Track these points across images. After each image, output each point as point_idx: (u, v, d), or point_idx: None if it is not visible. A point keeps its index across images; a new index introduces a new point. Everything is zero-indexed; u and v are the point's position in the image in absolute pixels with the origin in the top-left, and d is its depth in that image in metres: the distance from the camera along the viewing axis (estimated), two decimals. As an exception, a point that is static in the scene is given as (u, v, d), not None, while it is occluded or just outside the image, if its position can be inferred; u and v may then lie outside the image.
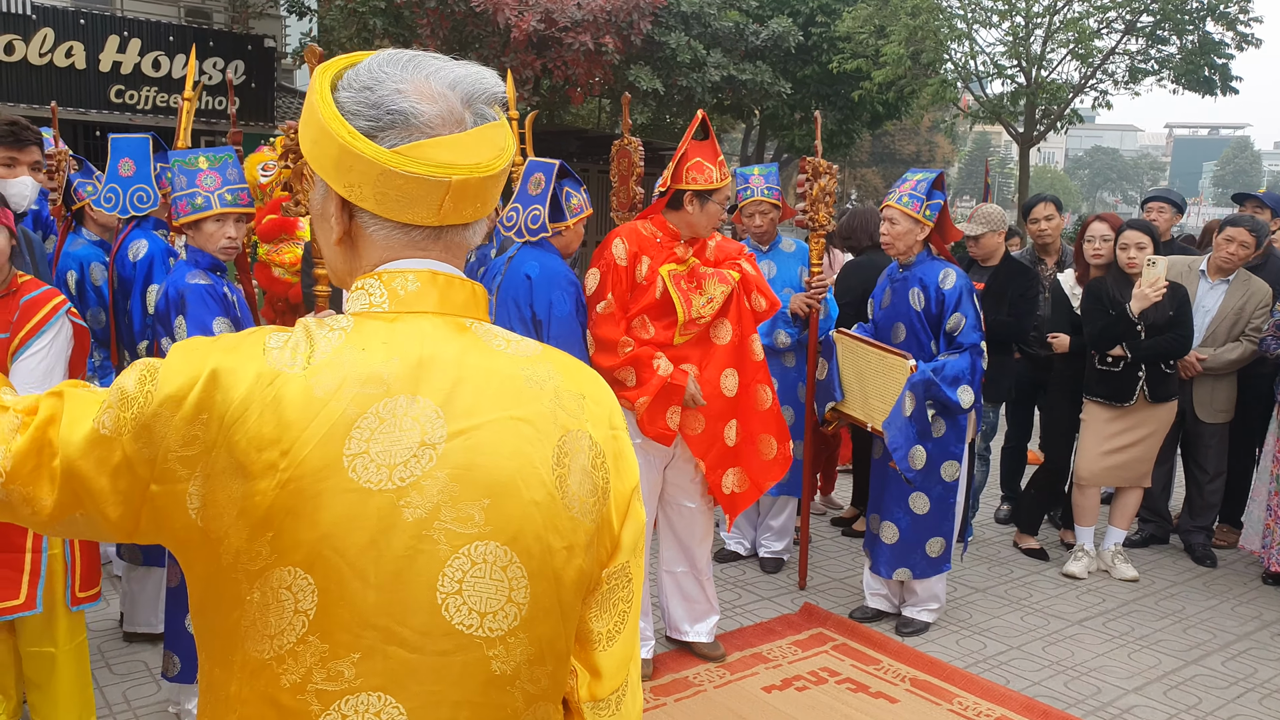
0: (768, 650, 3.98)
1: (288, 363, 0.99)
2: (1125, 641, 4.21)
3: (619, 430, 1.13)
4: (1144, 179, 73.11)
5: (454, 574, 0.98)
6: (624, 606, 1.12)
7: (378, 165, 1.01)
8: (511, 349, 1.08)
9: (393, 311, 1.05)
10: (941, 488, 4.12)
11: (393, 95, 1.02)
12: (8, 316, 2.74)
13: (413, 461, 0.97)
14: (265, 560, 0.96)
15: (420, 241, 1.07)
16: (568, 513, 1.03)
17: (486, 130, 1.06)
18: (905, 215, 4.03)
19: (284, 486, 0.95)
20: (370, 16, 12.53)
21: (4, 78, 13.62)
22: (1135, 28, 14.82)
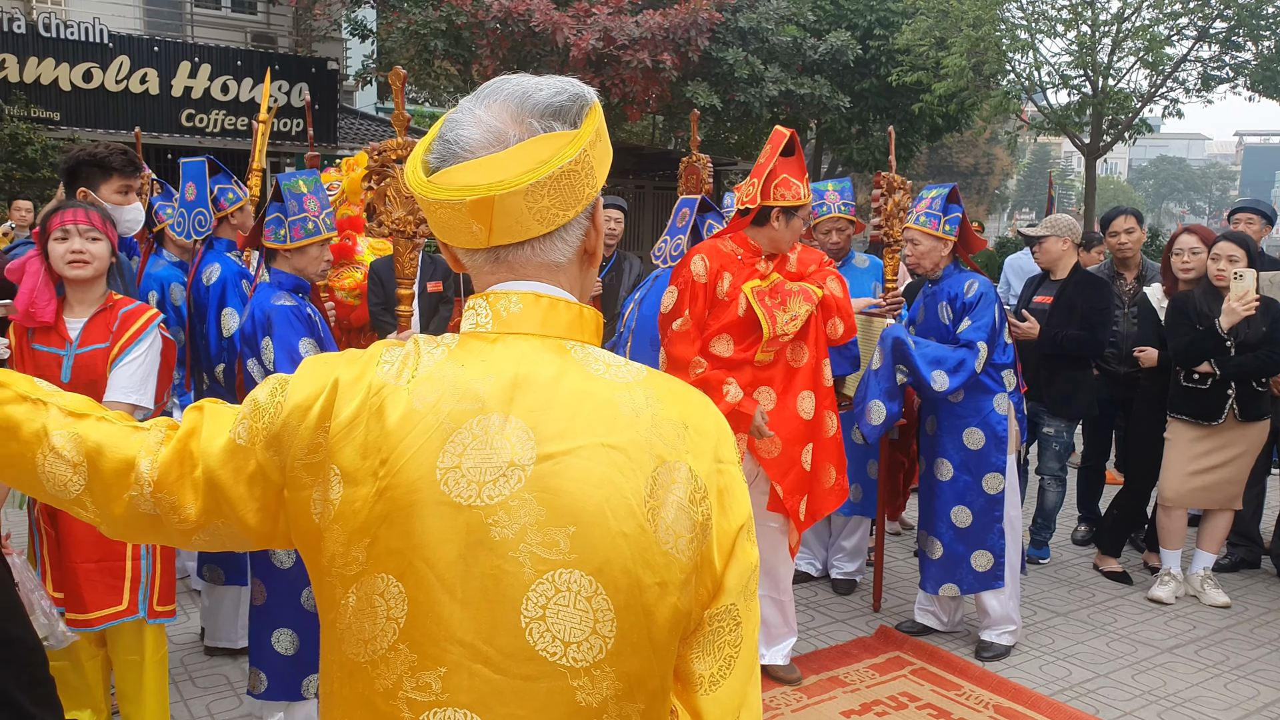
0: (844, 674, 3.89)
1: (394, 375, 1.03)
2: (1220, 671, 4.03)
3: (726, 464, 1.07)
4: (1212, 189, 71.21)
5: (538, 599, 0.96)
6: (730, 651, 1.07)
7: (417, 195, 1.06)
8: (611, 373, 1.05)
9: (495, 331, 1.06)
10: (984, 500, 4.03)
11: (449, 125, 1.05)
12: (108, 327, 2.88)
13: (501, 481, 0.97)
14: (361, 566, 0.99)
15: (486, 266, 1.08)
16: (660, 548, 0.99)
17: (530, 145, 1.03)
18: (925, 234, 4.04)
19: (381, 495, 0.98)
20: (431, 38, 12.72)
21: (83, 104, 14.11)
22: (1208, 34, 14.43)
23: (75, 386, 2.80)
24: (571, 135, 1.04)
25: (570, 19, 12.19)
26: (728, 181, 15.82)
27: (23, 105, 13.22)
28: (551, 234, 1.07)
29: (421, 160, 1.07)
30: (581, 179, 1.05)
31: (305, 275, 3.13)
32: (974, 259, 4.20)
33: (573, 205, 1.05)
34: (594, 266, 1.15)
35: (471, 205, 1.02)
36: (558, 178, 1.03)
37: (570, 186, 1.04)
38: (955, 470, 4.06)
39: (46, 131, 13.06)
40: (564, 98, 1.05)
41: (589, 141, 1.05)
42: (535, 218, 1.04)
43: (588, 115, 1.06)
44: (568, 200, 1.05)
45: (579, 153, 1.04)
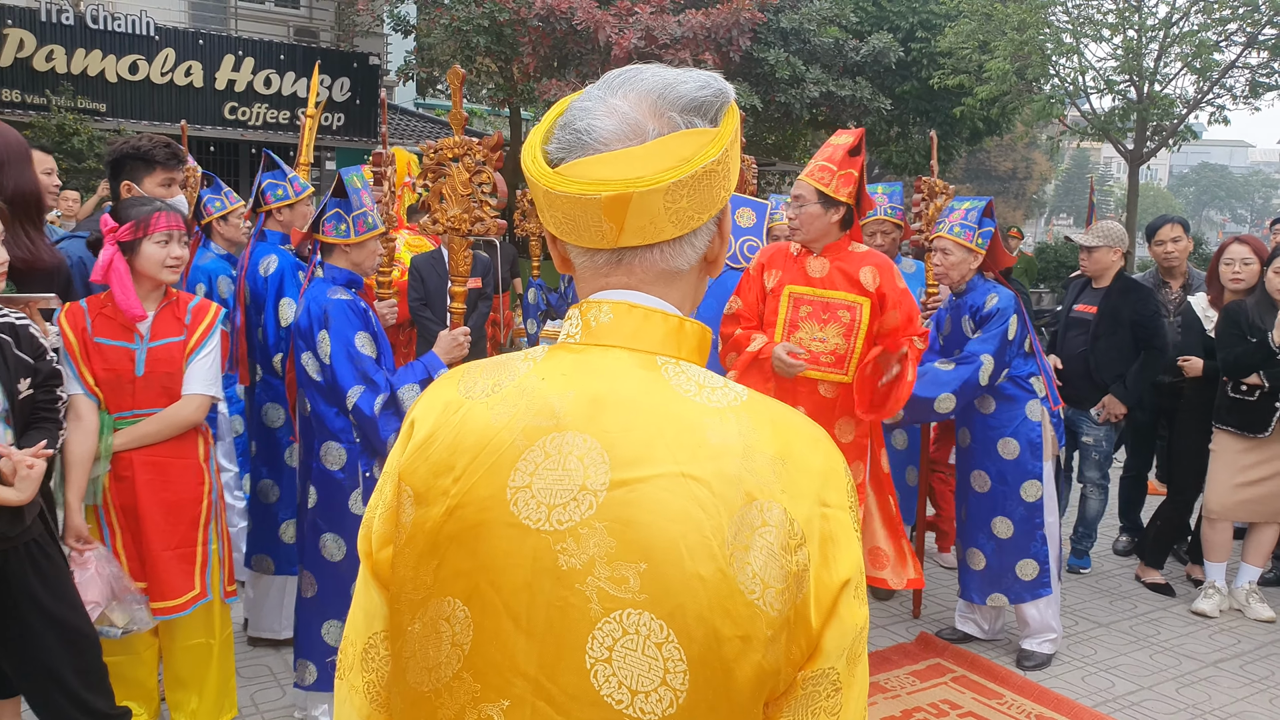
0: (885, 680, 3.88)
1: (476, 390, 0.99)
2: (1266, 686, 3.98)
3: (834, 508, 0.94)
4: (1255, 197, 69.98)
5: (604, 639, 0.88)
6: (827, 719, 0.94)
7: (540, 187, 0.97)
8: (704, 396, 0.95)
9: (583, 343, 1.00)
10: (1024, 509, 4.01)
11: (579, 114, 0.97)
12: (179, 320, 2.95)
13: (572, 505, 0.90)
14: (428, 589, 0.94)
15: (603, 268, 1.01)
16: (744, 597, 0.88)
17: (670, 140, 0.95)
18: (959, 245, 4.00)
19: (452, 513, 0.93)
20: (473, 34, 12.77)
21: (128, 96, 14.32)
22: (1258, 40, 14.18)
23: (151, 379, 2.87)
24: (714, 133, 0.97)
25: (612, 17, 12.20)
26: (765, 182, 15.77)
27: (70, 96, 13.44)
28: (682, 238, 0.99)
29: (540, 150, 1.00)
30: (719, 180, 0.98)
31: (362, 270, 3.17)
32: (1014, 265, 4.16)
33: (709, 208, 0.98)
34: (714, 275, 1.08)
35: (607, 202, 0.94)
36: (700, 178, 0.95)
37: (709, 188, 0.97)
38: (992, 481, 4.04)
39: (93, 122, 13.28)
40: (709, 92, 0.98)
41: (730, 141, 0.98)
42: (671, 219, 0.96)
43: (727, 113, 1.00)
44: (705, 203, 0.97)
45: (721, 152, 0.96)
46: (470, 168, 2.73)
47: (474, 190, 2.73)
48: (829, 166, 3.50)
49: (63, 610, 2.59)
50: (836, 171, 3.49)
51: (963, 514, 4.17)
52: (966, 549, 4.14)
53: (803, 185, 3.52)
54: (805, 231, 3.56)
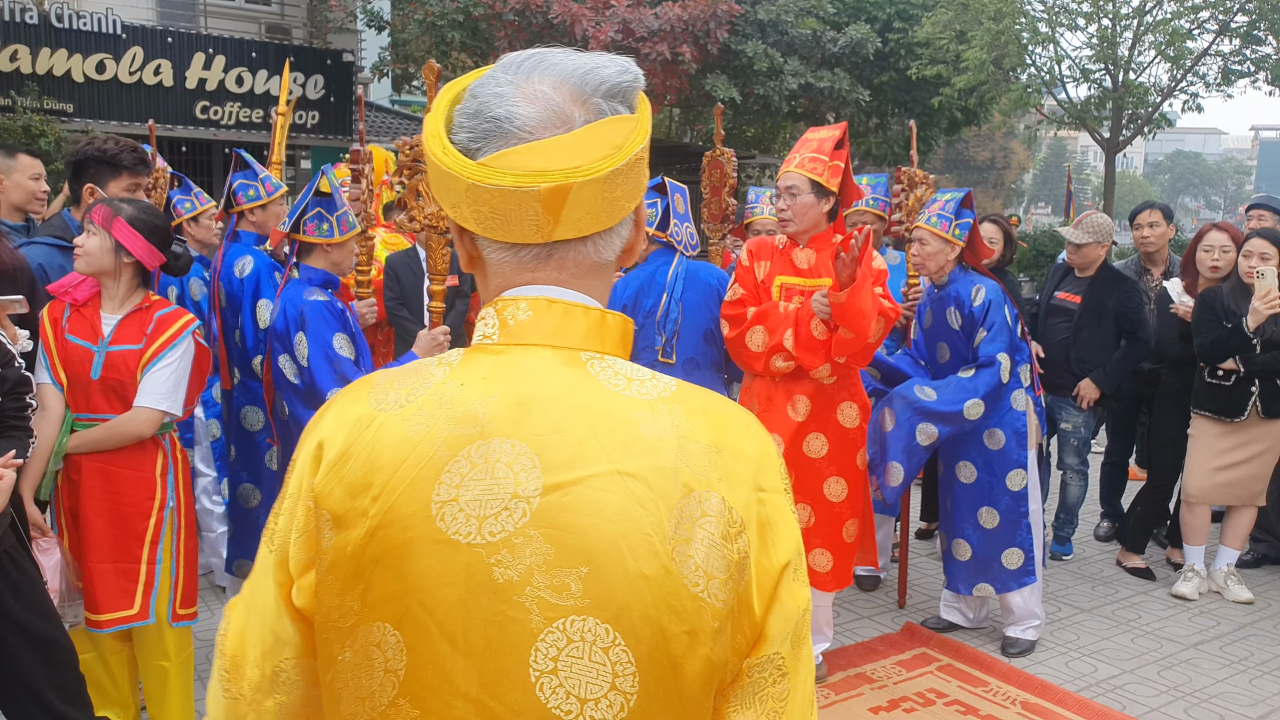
0: (871, 670, 3.89)
1: (389, 402, 0.92)
2: (1245, 667, 4.02)
3: (770, 492, 0.93)
4: (1228, 183, 70.73)
5: (548, 650, 0.85)
6: (775, 705, 0.92)
7: (464, 180, 0.91)
8: (633, 389, 0.92)
9: (501, 344, 0.95)
10: (1010, 498, 4.02)
11: (492, 101, 0.92)
12: (141, 329, 2.85)
13: (504, 515, 0.86)
14: (356, 616, 0.89)
15: (530, 263, 0.95)
16: (689, 591, 0.86)
17: (599, 127, 0.91)
18: (935, 235, 4.01)
19: (374, 535, 0.88)
20: (448, 29, 12.71)
21: (96, 96, 14.12)
22: (1229, 28, 14.31)
23: (105, 384, 2.80)
24: (635, 119, 0.94)
25: (589, 10, 12.17)
26: (746, 175, 15.77)
27: (35, 97, 13.22)
28: (612, 229, 0.96)
29: (448, 140, 0.94)
30: (643, 167, 0.96)
31: (340, 270, 3.13)
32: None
33: (635, 197, 0.96)
34: (627, 265, 1.06)
35: (546, 193, 0.89)
36: (631, 165, 0.93)
37: (637, 176, 0.95)
38: (979, 472, 4.05)
39: (60, 123, 13.07)
40: (629, 78, 0.95)
41: (647, 126, 0.96)
42: (606, 209, 0.93)
43: (640, 97, 0.97)
44: (633, 191, 0.95)
45: (646, 139, 0.94)
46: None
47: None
48: (819, 158, 3.51)
49: (37, 622, 2.55)
50: (827, 162, 3.52)
51: (948, 505, 4.18)
52: (952, 540, 4.14)
53: (795, 176, 3.52)
54: (798, 222, 3.56)
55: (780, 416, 3.60)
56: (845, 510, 3.66)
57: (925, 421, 3.93)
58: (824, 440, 3.61)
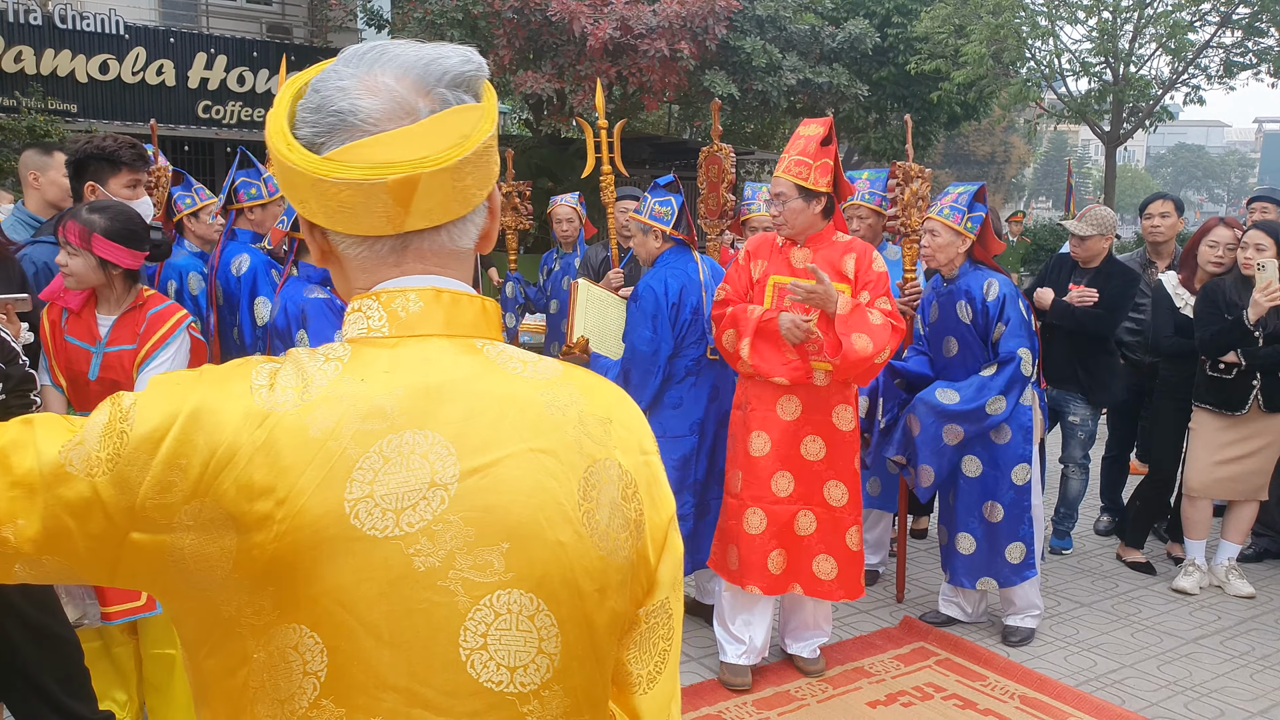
0: (869, 664, 3.89)
1: (279, 400, 0.89)
2: (1246, 661, 4.01)
3: (651, 454, 1.03)
4: (1231, 176, 70.54)
5: (477, 627, 0.88)
6: (664, 645, 1.03)
7: (309, 175, 0.91)
8: (529, 371, 0.97)
9: (394, 336, 0.94)
10: (1014, 492, 4.03)
11: (334, 95, 0.92)
12: (134, 329, 2.85)
13: (422, 504, 0.87)
14: (269, 616, 0.87)
15: (389, 256, 0.96)
16: (597, 551, 0.93)
17: (445, 117, 0.92)
18: (946, 227, 4.00)
19: (282, 539, 0.86)
20: (447, 28, 12.69)
21: (99, 96, 14.15)
22: (1231, 20, 14.27)
23: (102, 384, 2.82)
24: (481, 108, 0.96)
25: (587, 8, 12.15)
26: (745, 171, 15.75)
27: (39, 97, 13.25)
28: (466, 217, 0.98)
29: (292, 134, 0.94)
30: (493, 156, 0.97)
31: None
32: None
33: (487, 184, 0.97)
34: (484, 252, 1.06)
35: (393, 185, 0.90)
36: (479, 154, 0.94)
37: (487, 164, 0.96)
38: (984, 466, 4.05)
39: (64, 123, 13.10)
40: (472, 67, 0.95)
41: (494, 114, 0.98)
42: (457, 198, 0.94)
43: (484, 86, 0.98)
44: (484, 179, 0.97)
45: (494, 127, 0.96)
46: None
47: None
48: (804, 160, 3.52)
49: (43, 618, 2.56)
50: (812, 164, 3.51)
51: (950, 499, 4.17)
52: (955, 534, 4.13)
53: (782, 183, 3.53)
54: (790, 226, 3.57)
55: (769, 414, 3.61)
56: (847, 516, 3.64)
57: (951, 423, 3.96)
58: (821, 443, 3.61)
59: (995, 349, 3.98)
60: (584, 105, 12.47)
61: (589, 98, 11.50)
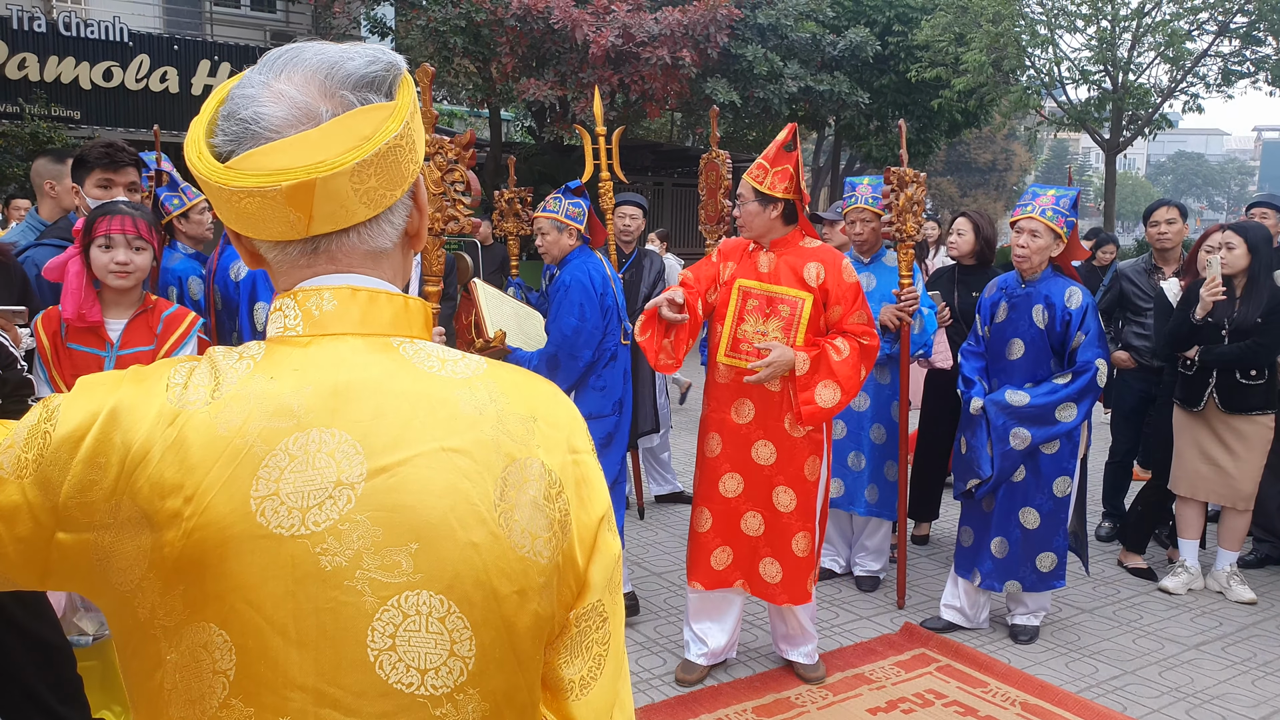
0: (870, 671, 3.89)
1: (191, 399, 0.90)
2: (1248, 668, 4.01)
3: (581, 453, 1.00)
4: (1231, 184, 70.56)
5: (384, 628, 0.87)
6: (599, 649, 1.00)
7: (213, 185, 0.92)
8: (447, 369, 0.96)
9: (307, 335, 0.94)
10: (1053, 503, 4.04)
11: (241, 103, 0.93)
12: (150, 330, 2.89)
13: (328, 504, 0.87)
14: (179, 617, 0.87)
15: (301, 259, 0.96)
16: (516, 553, 0.91)
17: (347, 119, 0.92)
18: (1049, 229, 3.97)
19: (189, 536, 0.86)
20: (450, 35, 12.73)
21: (103, 103, 14.20)
22: (1229, 29, 14.30)
23: None
24: (391, 107, 0.94)
25: (589, 16, 12.19)
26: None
27: (44, 104, 13.31)
28: (378, 217, 0.97)
29: (205, 144, 0.94)
30: (405, 155, 0.96)
31: None
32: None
33: (399, 184, 0.96)
34: (417, 251, 1.06)
35: (288, 191, 0.90)
36: (384, 154, 0.93)
37: (396, 164, 0.95)
38: (1028, 473, 4.06)
39: (67, 130, 13.14)
40: (379, 67, 0.95)
41: (409, 113, 0.96)
42: (362, 200, 0.93)
43: (401, 85, 0.98)
44: (394, 179, 0.95)
45: (402, 126, 0.94)
46: (442, 166, 2.71)
47: (446, 189, 2.72)
48: (763, 164, 3.57)
49: (37, 626, 2.56)
50: (770, 169, 3.55)
51: (986, 502, 4.16)
52: (991, 537, 4.13)
53: (743, 185, 3.60)
54: (748, 228, 3.63)
55: (724, 417, 3.66)
56: (794, 522, 3.62)
57: (1019, 425, 3.97)
58: (772, 448, 3.62)
59: (1073, 358, 3.97)
60: (586, 113, 12.49)
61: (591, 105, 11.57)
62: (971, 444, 4.13)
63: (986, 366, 4.25)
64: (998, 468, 4.03)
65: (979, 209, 6.22)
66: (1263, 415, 4.57)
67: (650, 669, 3.90)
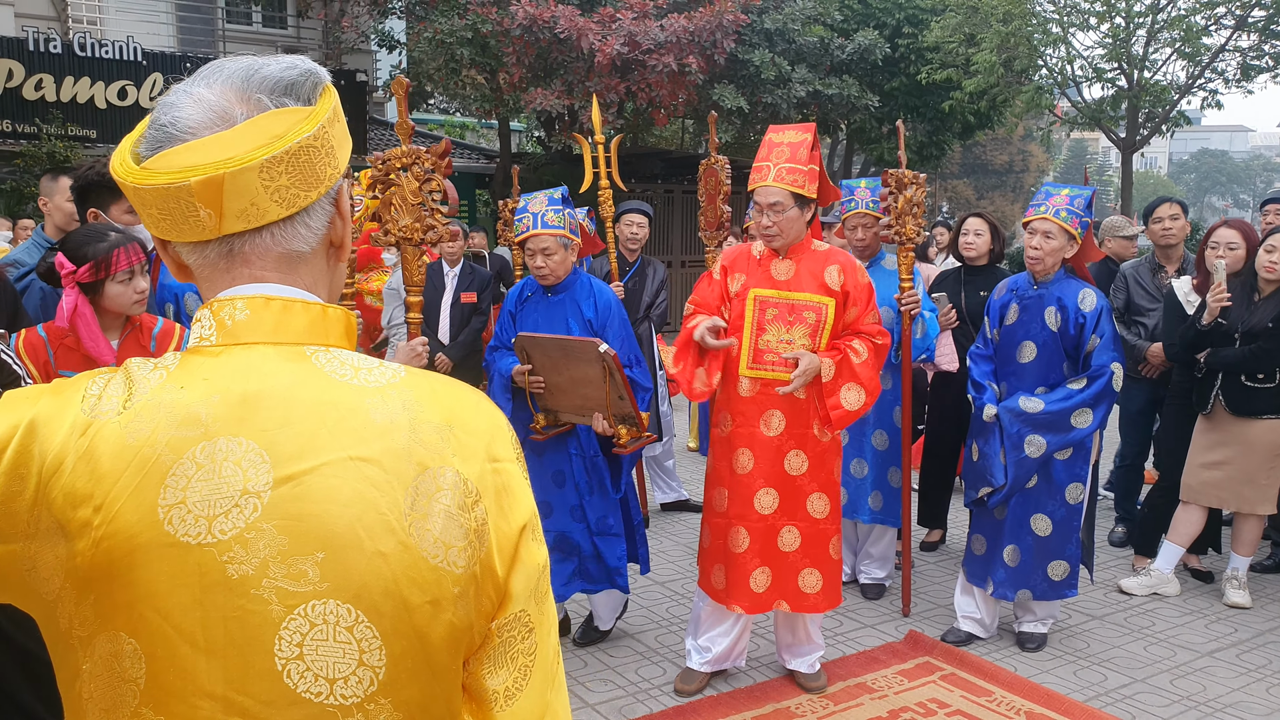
0: (872, 680, 3.82)
1: (103, 409, 0.91)
2: (1262, 675, 3.91)
3: (503, 461, 0.98)
4: (1256, 181, 69.71)
5: (291, 637, 0.88)
6: (525, 660, 0.99)
7: (129, 186, 0.93)
8: (361, 378, 0.95)
9: (220, 344, 0.95)
10: (1065, 510, 3.96)
11: (162, 109, 0.95)
12: (143, 348, 2.90)
13: (235, 512, 0.88)
14: (91, 626, 0.88)
15: (219, 262, 0.97)
16: (429, 562, 0.91)
17: (260, 120, 0.94)
18: (1062, 230, 3.88)
19: (98, 545, 0.87)
20: (457, 47, 12.76)
21: (118, 122, 14.32)
22: (1247, 23, 14.10)
23: None
24: (307, 111, 0.96)
25: (595, 25, 12.18)
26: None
27: (59, 124, 13.45)
28: (293, 219, 0.97)
29: (131, 153, 0.96)
30: (322, 158, 0.97)
31: None
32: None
33: (314, 186, 0.97)
34: (343, 261, 1.06)
35: (198, 186, 0.91)
36: (295, 154, 0.94)
37: (310, 165, 0.96)
38: (1039, 479, 3.97)
39: (83, 149, 13.28)
40: (296, 73, 0.97)
41: (326, 119, 0.97)
42: (273, 199, 0.94)
43: (323, 93, 0.99)
44: (308, 180, 0.96)
45: (317, 128, 0.95)
46: (419, 176, 2.68)
47: (424, 198, 2.69)
48: (797, 168, 3.45)
49: (22, 637, 2.55)
50: (804, 170, 3.46)
51: (1001, 512, 4.07)
52: (1003, 545, 4.04)
53: (778, 192, 3.42)
54: (785, 236, 3.50)
55: (754, 431, 3.56)
56: (829, 527, 3.60)
57: (1034, 433, 3.89)
58: (804, 457, 3.56)
59: (1087, 362, 3.89)
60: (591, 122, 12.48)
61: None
62: (984, 451, 4.04)
63: (996, 370, 4.16)
64: (1012, 476, 3.93)
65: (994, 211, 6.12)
66: (1274, 419, 4.46)
67: (650, 679, 3.84)
